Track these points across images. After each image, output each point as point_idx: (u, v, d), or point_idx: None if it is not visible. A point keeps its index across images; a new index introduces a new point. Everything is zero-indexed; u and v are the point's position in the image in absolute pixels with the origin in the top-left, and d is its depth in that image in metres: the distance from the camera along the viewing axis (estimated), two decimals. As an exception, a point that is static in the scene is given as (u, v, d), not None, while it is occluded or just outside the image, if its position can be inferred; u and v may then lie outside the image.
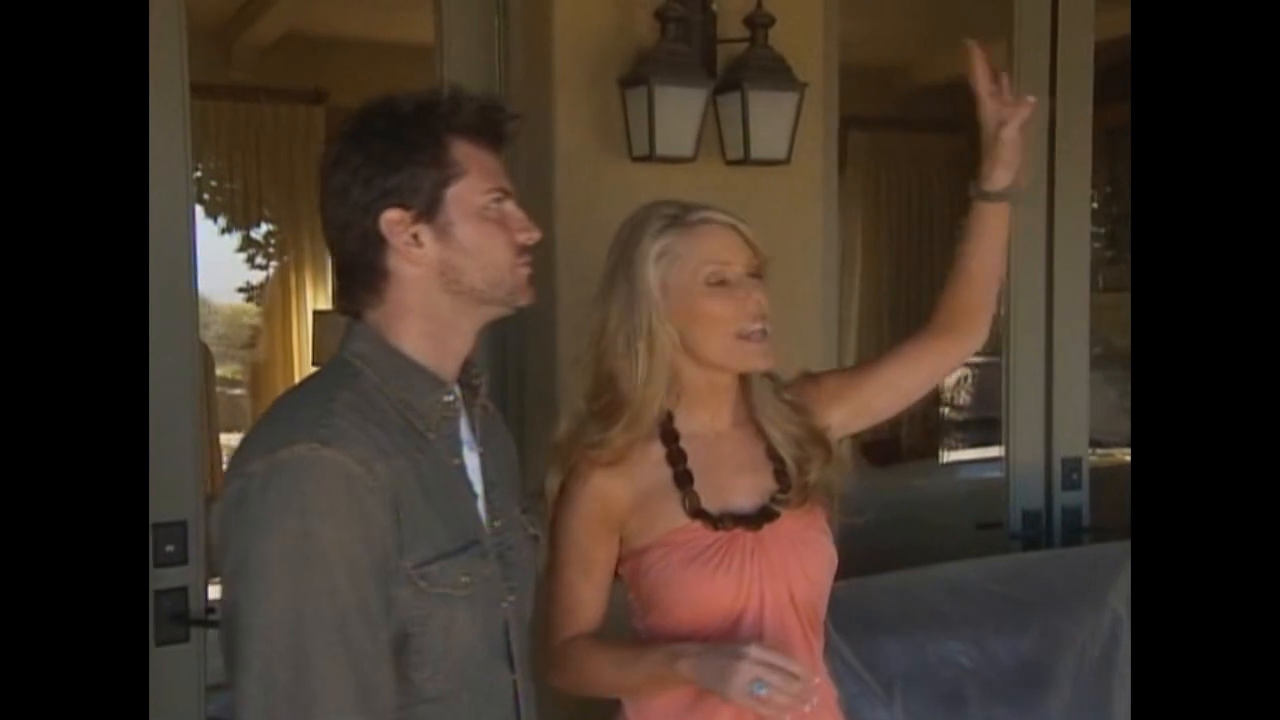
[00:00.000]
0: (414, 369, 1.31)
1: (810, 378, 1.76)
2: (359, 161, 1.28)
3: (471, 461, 1.37)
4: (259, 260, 5.26)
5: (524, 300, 1.36)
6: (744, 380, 1.65)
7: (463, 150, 1.30)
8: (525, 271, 1.35)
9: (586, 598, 1.63)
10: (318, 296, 5.29)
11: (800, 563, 1.61)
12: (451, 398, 1.34)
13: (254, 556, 1.17)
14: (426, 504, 1.26)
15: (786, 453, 1.63)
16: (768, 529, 1.59)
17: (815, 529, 1.64)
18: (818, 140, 2.60)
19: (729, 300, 1.56)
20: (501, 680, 1.36)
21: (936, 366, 1.81)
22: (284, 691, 1.14)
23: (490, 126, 1.34)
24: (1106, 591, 2.64)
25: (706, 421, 1.63)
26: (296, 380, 6.02)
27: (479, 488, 1.37)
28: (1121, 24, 2.53)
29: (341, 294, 1.36)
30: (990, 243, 1.71)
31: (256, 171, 5.01)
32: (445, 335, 1.34)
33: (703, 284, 1.56)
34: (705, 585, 1.56)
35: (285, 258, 5.22)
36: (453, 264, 1.30)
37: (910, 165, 5.28)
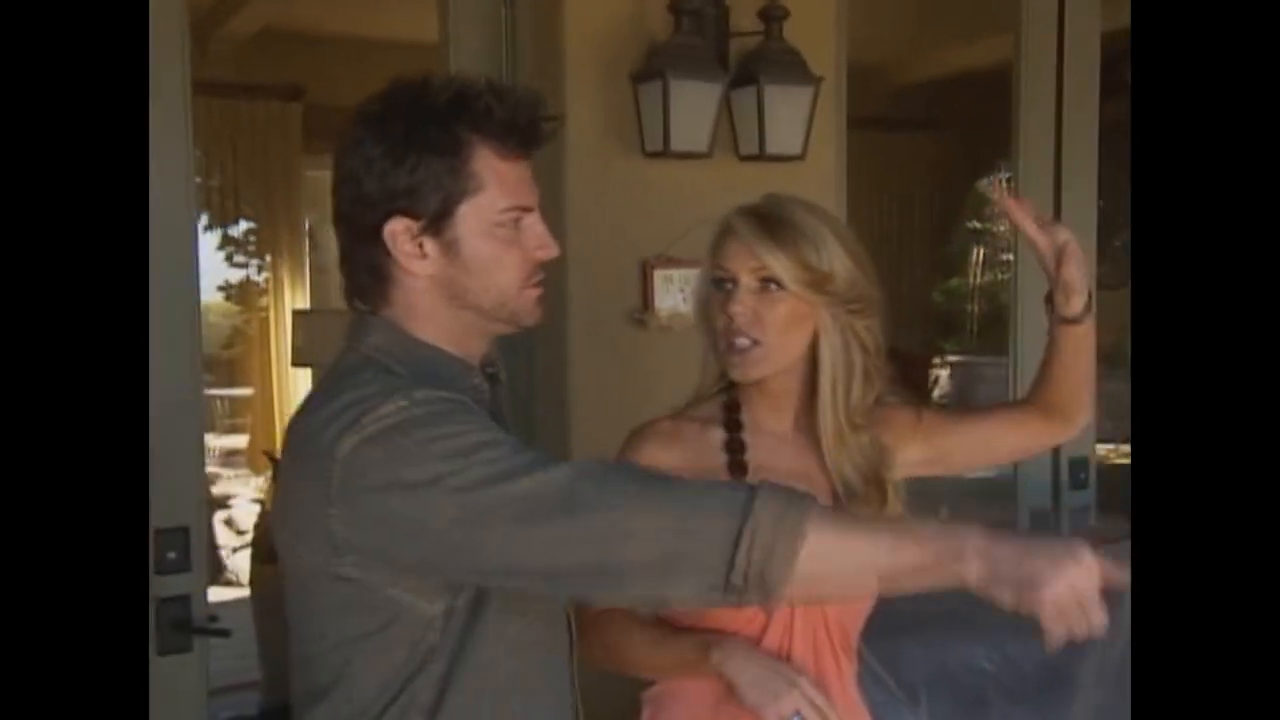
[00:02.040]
0: (442, 357, 1.29)
1: (912, 406, 1.74)
2: (376, 152, 1.24)
3: None
4: (237, 259, 5.26)
5: (529, 321, 1.34)
6: (813, 388, 1.63)
7: (485, 161, 1.25)
8: (534, 293, 1.32)
9: None
10: (296, 296, 5.31)
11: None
12: (479, 381, 1.32)
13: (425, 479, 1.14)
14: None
15: (839, 479, 1.62)
16: None
17: None
18: (830, 136, 2.63)
19: (721, 310, 1.56)
20: (558, 617, 1.38)
21: (1029, 442, 1.81)
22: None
23: (523, 133, 1.28)
24: (1126, 591, 2.68)
25: (768, 420, 1.63)
26: (274, 381, 5.84)
27: None
28: (1121, 16, 2.52)
29: (350, 289, 1.33)
30: (1079, 354, 1.70)
31: (234, 169, 5.00)
32: (455, 340, 1.32)
33: (713, 285, 1.58)
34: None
35: (265, 256, 5.21)
36: (456, 280, 1.28)
37: (894, 164, 5.40)
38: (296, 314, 5.14)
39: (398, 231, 1.23)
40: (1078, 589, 1.09)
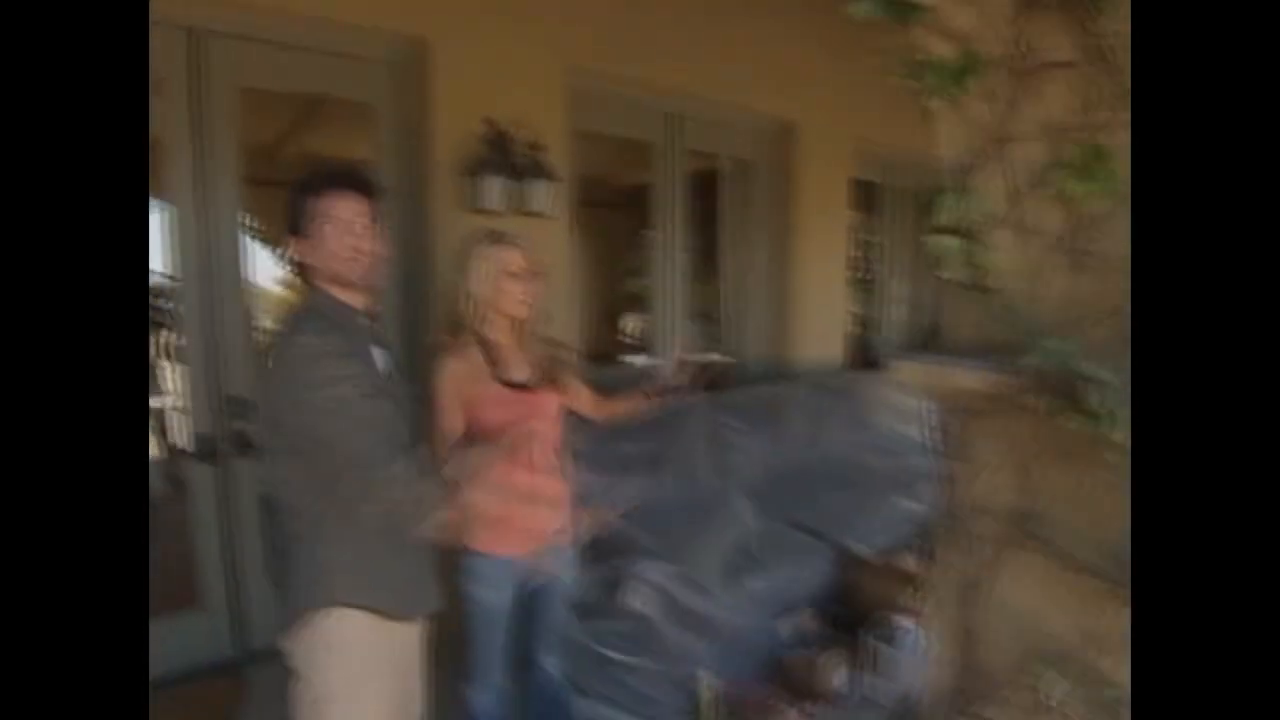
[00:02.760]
0: (345, 308, 1.36)
1: (564, 349, 1.89)
2: (288, 199, 1.35)
3: (378, 354, 1.42)
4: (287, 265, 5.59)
5: (367, 280, 1.38)
6: (521, 325, 1.78)
7: (331, 201, 1.33)
8: (362, 262, 1.35)
9: (455, 419, 1.73)
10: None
11: (548, 407, 1.81)
12: (365, 321, 1.40)
13: (305, 401, 1.23)
14: (366, 367, 1.35)
15: (538, 365, 1.80)
16: (533, 391, 1.78)
17: (554, 395, 1.83)
18: (562, 204, 2.98)
19: (517, 285, 1.72)
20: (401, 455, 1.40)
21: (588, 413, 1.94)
22: (346, 445, 1.24)
23: (334, 182, 1.35)
24: (695, 411, 3.09)
25: (500, 340, 1.77)
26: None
27: (381, 367, 1.42)
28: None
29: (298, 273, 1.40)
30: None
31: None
32: (344, 294, 1.37)
33: (506, 275, 1.73)
34: (510, 415, 1.71)
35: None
36: (320, 261, 1.35)
37: (604, 227, 5.79)
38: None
39: (295, 241, 1.35)
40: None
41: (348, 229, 1.33)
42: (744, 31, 3.81)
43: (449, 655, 1.90)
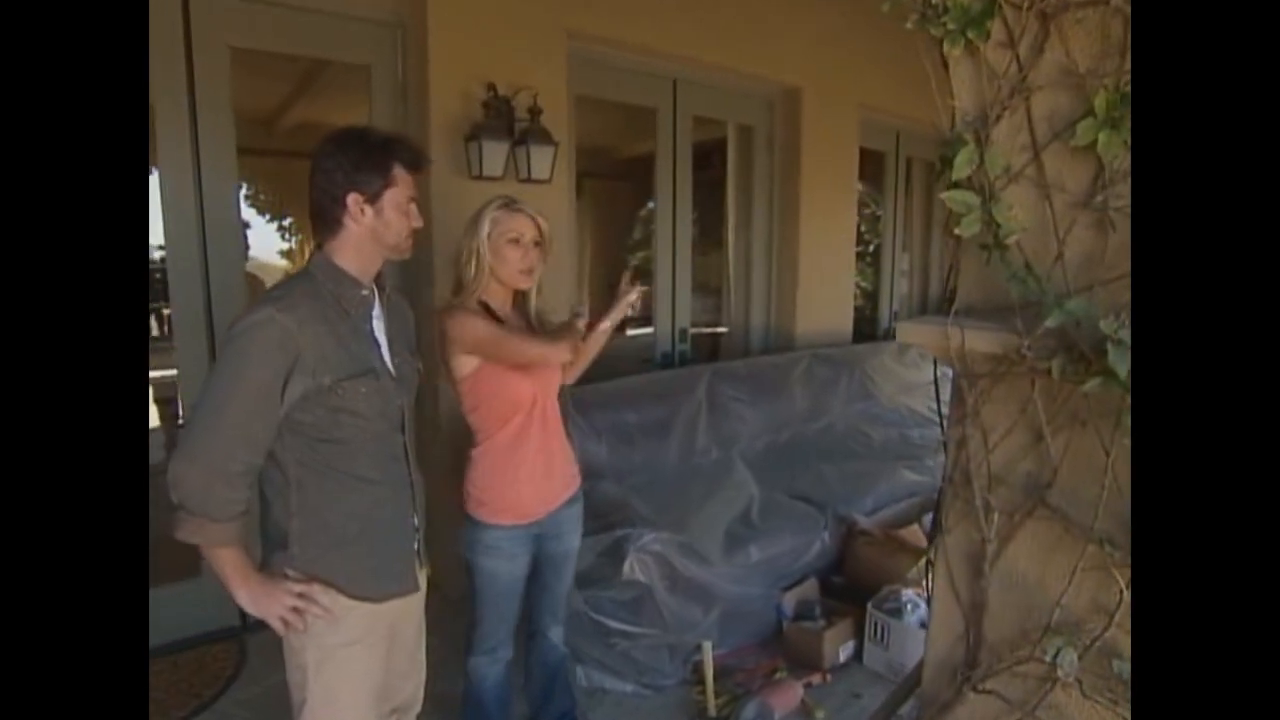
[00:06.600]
0: (345, 276, 1.33)
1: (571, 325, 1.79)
2: (343, 159, 1.29)
3: (378, 326, 1.39)
4: (288, 236, 5.93)
5: (406, 255, 1.39)
6: (523, 297, 1.77)
7: (398, 172, 1.33)
8: (409, 242, 1.38)
9: (467, 362, 1.70)
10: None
11: (552, 376, 1.79)
12: (366, 292, 1.36)
13: (220, 365, 1.24)
14: (340, 350, 1.28)
15: (537, 322, 1.79)
16: None
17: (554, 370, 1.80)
18: (564, 172, 2.96)
19: (517, 252, 1.67)
20: (395, 439, 1.40)
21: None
22: (208, 422, 1.22)
23: (416, 162, 1.36)
24: (698, 383, 3.22)
25: (500, 307, 1.74)
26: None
27: (382, 339, 1.39)
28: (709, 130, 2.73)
29: (313, 231, 1.37)
30: (591, 349, 1.81)
31: (288, 192, 5.58)
32: (365, 261, 1.35)
33: (507, 241, 1.67)
34: (518, 383, 1.72)
35: (300, 235, 5.94)
36: (377, 228, 1.33)
37: (610, 194, 5.84)
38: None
39: (354, 199, 1.31)
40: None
41: (407, 206, 1.34)
42: (750, -7, 3.71)
43: (453, 626, 1.90)
